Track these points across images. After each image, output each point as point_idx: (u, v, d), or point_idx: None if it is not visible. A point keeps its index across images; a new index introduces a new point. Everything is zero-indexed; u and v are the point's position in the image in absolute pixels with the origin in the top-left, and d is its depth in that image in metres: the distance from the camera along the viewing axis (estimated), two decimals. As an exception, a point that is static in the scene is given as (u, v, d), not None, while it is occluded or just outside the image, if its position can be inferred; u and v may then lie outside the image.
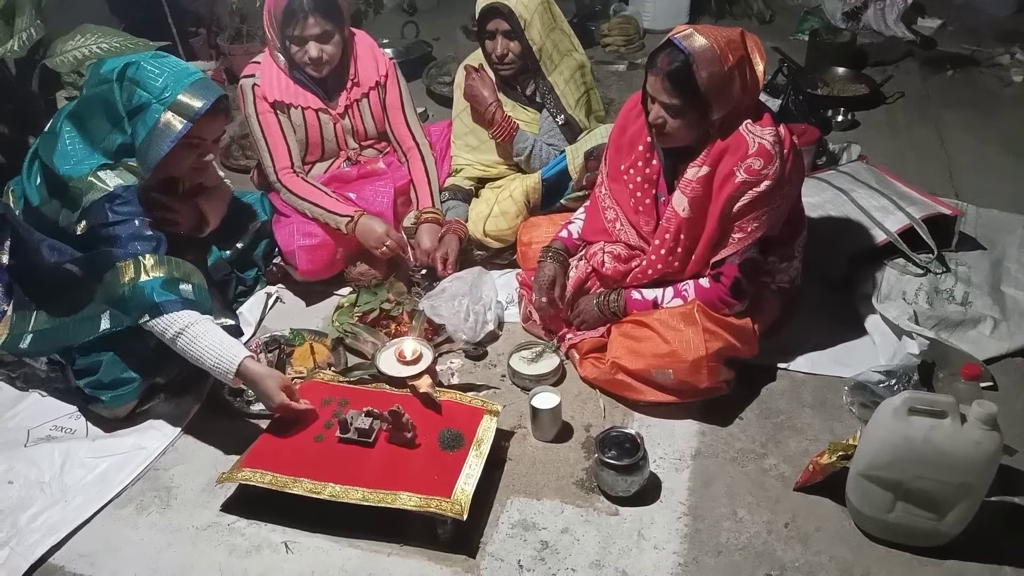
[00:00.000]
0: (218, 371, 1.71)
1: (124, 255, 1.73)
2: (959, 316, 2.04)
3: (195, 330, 1.71)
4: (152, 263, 1.74)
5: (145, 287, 1.71)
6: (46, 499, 1.73)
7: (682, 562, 1.56)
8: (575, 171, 2.25)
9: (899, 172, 2.56)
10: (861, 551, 1.57)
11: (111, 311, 1.78)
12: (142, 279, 1.72)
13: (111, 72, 1.75)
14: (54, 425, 1.95)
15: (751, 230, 1.78)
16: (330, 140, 2.38)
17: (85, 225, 1.75)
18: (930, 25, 4.02)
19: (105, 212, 1.73)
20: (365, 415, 1.71)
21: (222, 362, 1.69)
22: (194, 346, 1.70)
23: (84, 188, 1.73)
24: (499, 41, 2.24)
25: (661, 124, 1.74)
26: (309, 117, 2.32)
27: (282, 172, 2.30)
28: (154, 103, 1.71)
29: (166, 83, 1.72)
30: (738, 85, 1.68)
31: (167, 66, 1.76)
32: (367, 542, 1.62)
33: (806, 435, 1.82)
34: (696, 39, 1.65)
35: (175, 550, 1.64)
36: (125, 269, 1.73)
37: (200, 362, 1.71)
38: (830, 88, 3.40)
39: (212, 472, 1.75)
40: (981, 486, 1.45)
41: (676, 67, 1.66)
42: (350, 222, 2.22)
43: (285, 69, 2.27)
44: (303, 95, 2.29)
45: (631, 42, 3.98)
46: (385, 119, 2.43)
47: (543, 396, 1.82)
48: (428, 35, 4.08)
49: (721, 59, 1.64)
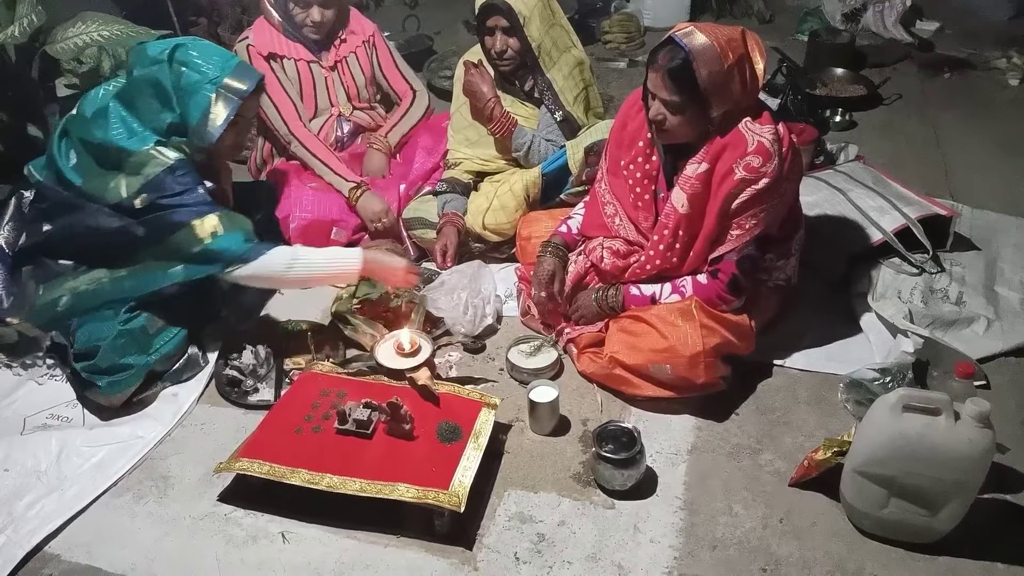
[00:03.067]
0: (346, 273, 1.99)
1: (196, 213, 1.86)
2: (953, 315, 2.06)
3: (303, 255, 1.95)
4: (224, 219, 1.88)
5: (230, 238, 1.87)
6: (42, 487, 1.73)
7: (678, 556, 1.57)
8: (575, 166, 2.25)
9: (896, 173, 2.58)
10: (855, 546, 1.58)
11: (183, 264, 1.89)
12: (220, 232, 1.86)
13: (161, 54, 1.85)
14: (50, 413, 1.95)
15: (749, 227, 1.79)
16: (322, 93, 2.52)
17: (145, 198, 1.84)
18: (928, 28, 4.04)
19: (168, 183, 1.84)
20: (363, 406, 1.71)
21: (347, 263, 1.98)
22: (313, 267, 1.95)
23: (144, 160, 1.84)
24: (498, 37, 2.25)
25: (661, 120, 1.75)
26: (302, 69, 2.46)
27: (292, 124, 2.43)
28: (206, 84, 1.85)
29: (213, 65, 1.87)
30: (738, 83, 1.69)
31: (211, 50, 1.91)
32: (364, 533, 1.63)
33: (801, 431, 1.83)
34: (697, 37, 1.66)
35: (172, 539, 1.64)
36: (201, 225, 1.85)
37: (323, 276, 1.99)
38: (828, 88, 3.42)
39: (209, 462, 1.75)
40: (974, 483, 1.46)
41: (677, 64, 1.66)
42: (355, 188, 2.35)
43: (279, 26, 2.41)
44: (295, 47, 2.44)
45: (632, 39, 3.98)
46: (381, 74, 2.60)
47: (541, 390, 1.83)
48: (429, 29, 4.08)
49: (721, 57, 1.64)
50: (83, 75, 2.57)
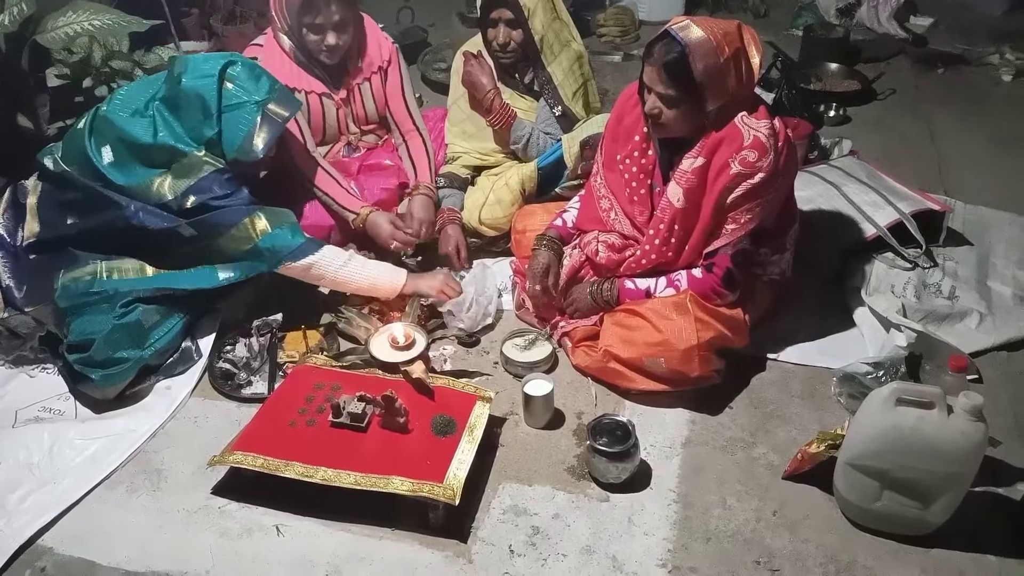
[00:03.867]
0: (388, 288, 2.05)
1: (246, 213, 1.93)
2: (946, 310, 2.07)
3: (357, 258, 2.04)
4: (272, 216, 1.95)
5: (281, 234, 1.94)
6: (35, 480, 1.72)
7: (671, 548, 1.57)
8: (571, 160, 2.25)
9: (889, 168, 2.58)
10: (848, 539, 1.59)
11: (234, 264, 1.97)
12: (273, 229, 1.93)
13: (213, 68, 1.93)
14: (42, 406, 1.94)
15: (744, 221, 1.80)
16: (332, 125, 2.38)
17: (195, 200, 1.92)
18: (922, 23, 4.05)
19: (216, 186, 1.93)
20: (358, 400, 1.71)
21: (391, 278, 2.04)
22: (363, 270, 2.03)
23: (196, 163, 1.92)
24: (501, 29, 2.24)
25: (657, 114, 1.75)
26: (312, 101, 2.31)
27: (299, 157, 2.27)
28: (251, 105, 1.94)
29: (261, 88, 1.96)
30: (733, 77, 1.69)
31: (258, 72, 2.00)
32: (359, 526, 1.63)
33: (795, 425, 1.84)
34: (693, 31, 1.65)
35: (166, 532, 1.64)
36: (252, 223, 1.93)
37: (366, 285, 2.03)
38: (823, 83, 3.42)
39: (203, 455, 1.74)
40: (966, 476, 1.47)
41: (672, 58, 1.66)
42: (356, 219, 2.23)
43: (290, 53, 2.25)
44: (308, 79, 2.28)
45: (627, 33, 3.98)
46: (386, 103, 2.43)
47: (535, 383, 1.83)
48: (423, 21, 4.06)
49: (717, 51, 1.64)
50: (74, 65, 2.55)
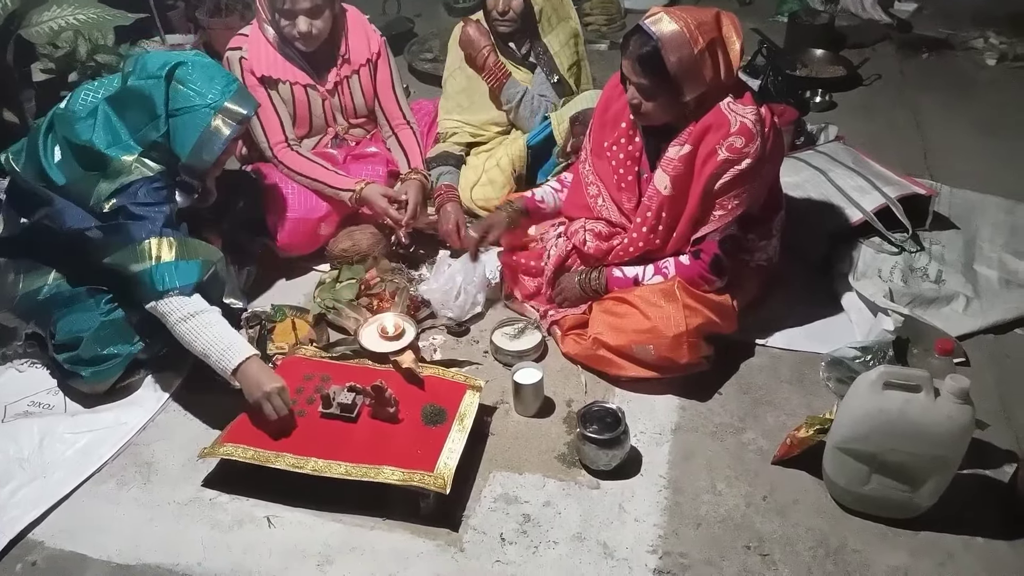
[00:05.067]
0: (219, 365, 1.69)
1: (148, 233, 1.77)
2: (933, 293, 2.08)
3: (201, 319, 1.72)
4: (174, 244, 1.77)
5: (160, 270, 1.73)
6: (25, 475, 1.72)
7: (662, 534, 1.58)
8: (560, 136, 2.27)
9: (875, 153, 2.59)
10: (837, 522, 1.60)
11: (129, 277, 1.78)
12: (163, 260, 1.75)
13: (160, 69, 1.80)
14: (32, 401, 1.92)
15: (731, 207, 1.80)
16: (318, 116, 2.36)
17: (115, 203, 1.79)
18: (906, 8, 4.05)
19: (141, 192, 1.79)
20: (348, 390, 1.71)
21: (223, 355, 1.68)
22: (200, 335, 1.70)
23: (127, 168, 1.79)
24: None
25: (636, 105, 1.76)
26: (298, 93, 2.29)
27: (277, 147, 2.28)
28: (203, 108, 1.79)
29: (213, 89, 1.81)
30: (710, 67, 1.69)
31: (212, 71, 1.85)
32: (350, 516, 1.63)
33: (784, 410, 1.85)
34: (664, 24, 1.66)
35: (157, 525, 1.63)
36: (146, 249, 1.75)
37: (202, 351, 1.70)
38: (809, 69, 3.43)
39: (194, 447, 1.74)
40: (954, 459, 1.49)
41: (645, 51, 1.67)
42: (353, 196, 2.22)
43: (275, 43, 2.23)
44: (292, 70, 2.26)
45: (613, 21, 3.97)
46: (375, 97, 2.41)
47: (525, 372, 1.83)
48: (410, 11, 4.04)
49: (691, 42, 1.65)
50: (59, 59, 2.53)
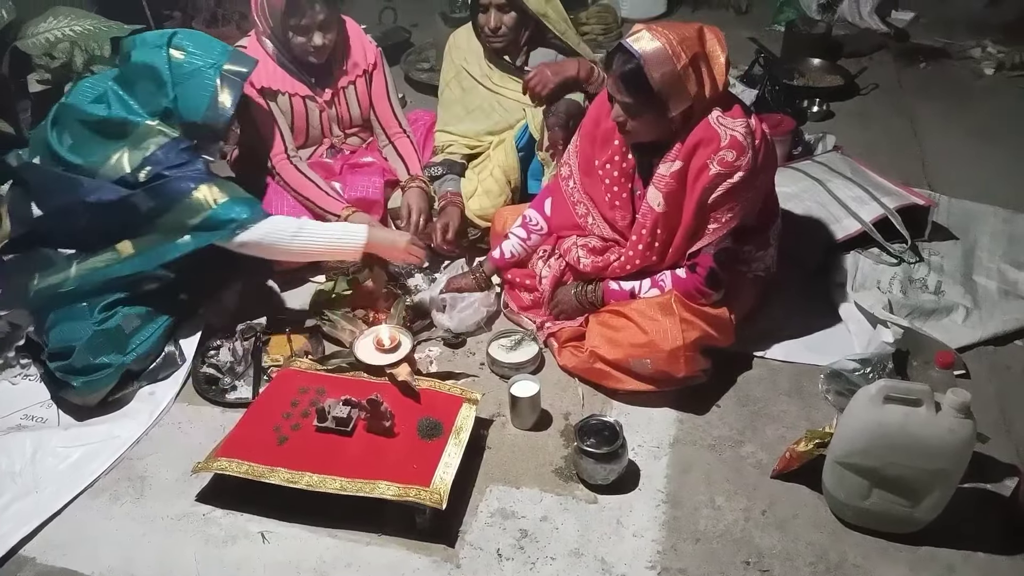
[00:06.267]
0: (349, 249, 1.99)
1: (200, 181, 1.89)
2: (932, 305, 2.07)
3: (309, 225, 1.99)
4: (226, 187, 1.92)
5: (232, 203, 1.89)
6: (17, 489, 1.70)
7: (661, 549, 1.57)
8: (536, 130, 2.29)
9: (873, 162, 2.59)
10: (837, 537, 1.58)
11: (190, 233, 1.89)
12: (219, 201, 1.88)
13: (159, 38, 1.93)
14: (24, 414, 1.91)
15: (725, 220, 1.79)
16: (315, 127, 2.36)
17: (149, 171, 1.87)
18: (903, 18, 4.06)
19: (170, 156, 1.89)
20: (343, 403, 1.69)
21: (351, 239, 1.98)
22: (318, 238, 1.96)
23: (148, 133, 1.89)
24: (492, 14, 2.26)
25: (622, 123, 1.76)
26: (296, 104, 2.29)
27: (276, 158, 2.28)
28: (207, 68, 1.93)
29: (212, 52, 1.95)
30: (694, 81, 1.68)
31: (206, 38, 1.99)
32: (345, 532, 1.61)
33: (783, 422, 1.84)
34: (646, 41, 1.65)
35: (150, 540, 1.62)
36: (205, 192, 1.88)
37: (326, 250, 2.00)
38: (806, 79, 3.43)
39: (187, 461, 1.72)
40: (955, 473, 1.47)
41: (628, 69, 1.67)
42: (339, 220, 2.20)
43: (273, 55, 2.24)
44: (291, 82, 2.26)
45: (609, 31, 3.96)
46: (371, 107, 2.42)
47: (522, 384, 1.82)
48: (406, 21, 4.05)
49: (673, 58, 1.64)
50: (55, 70, 2.54)
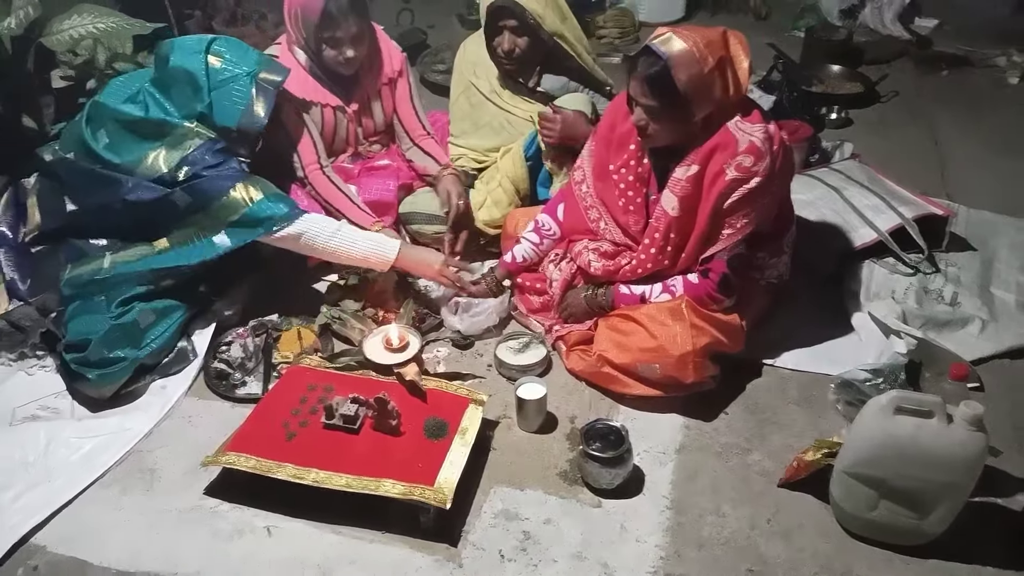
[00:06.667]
0: (380, 260, 2.03)
1: (237, 179, 1.96)
2: (947, 316, 2.05)
3: (347, 229, 2.04)
4: (262, 185, 1.98)
5: (268, 200, 1.96)
6: (29, 479, 1.72)
7: (664, 555, 1.56)
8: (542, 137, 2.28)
9: (891, 171, 2.56)
10: (843, 548, 1.57)
11: (227, 231, 1.96)
12: (255, 199, 1.95)
13: (198, 44, 2.00)
14: (40, 404, 1.93)
15: (740, 226, 1.78)
16: (341, 137, 2.38)
17: (188, 171, 1.94)
18: (927, 24, 4.03)
19: (207, 157, 1.95)
20: (351, 401, 1.70)
21: (383, 250, 2.02)
22: (353, 243, 2.01)
23: (187, 133, 1.96)
24: (506, 36, 2.26)
25: (643, 126, 1.75)
26: (327, 115, 2.31)
27: (310, 168, 2.27)
28: (243, 76, 1.99)
29: (248, 59, 2.02)
30: (719, 86, 1.67)
31: (242, 47, 2.06)
32: (349, 528, 1.62)
33: (791, 431, 1.82)
34: (674, 44, 1.64)
35: (158, 532, 1.63)
36: (241, 190, 1.95)
37: (358, 256, 2.03)
38: (824, 85, 3.41)
39: (196, 455, 1.74)
40: (965, 486, 1.45)
41: (654, 72, 1.65)
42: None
43: (305, 66, 2.25)
44: (323, 93, 2.27)
45: (626, 34, 3.96)
46: (394, 112, 2.44)
47: (529, 387, 1.82)
48: (423, 22, 4.06)
49: (700, 61, 1.63)
50: (78, 67, 2.58)
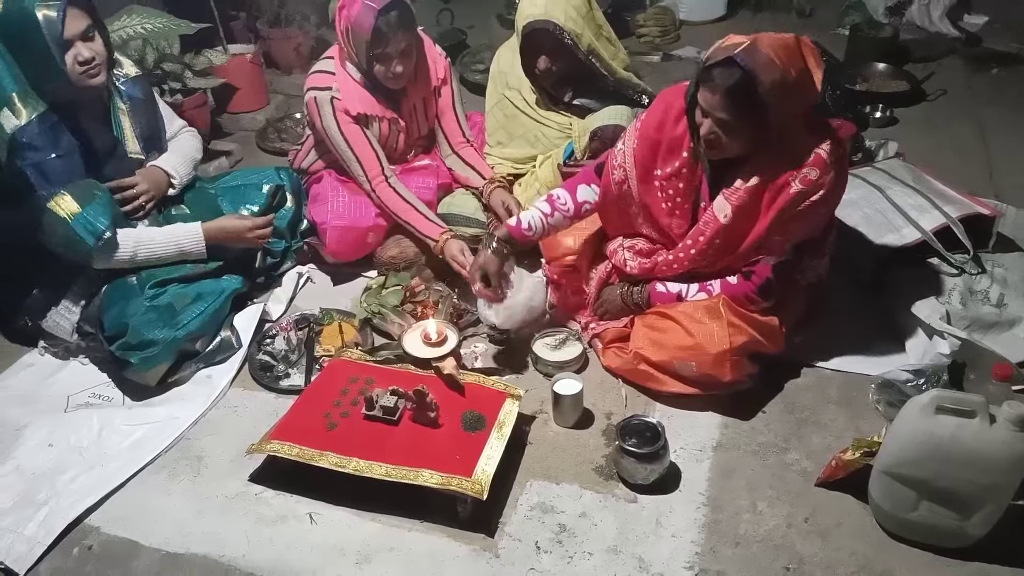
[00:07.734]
0: (191, 250, 2.01)
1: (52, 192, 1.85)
2: (993, 317, 2.01)
3: (145, 241, 1.97)
4: (78, 196, 1.87)
5: (85, 219, 1.86)
6: (84, 463, 1.79)
7: (699, 551, 1.56)
8: (580, 150, 2.33)
9: (938, 171, 2.51)
10: (882, 548, 1.56)
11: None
12: (78, 211, 1.85)
13: None
14: (93, 392, 2.01)
15: (795, 236, 1.76)
16: (391, 147, 2.42)
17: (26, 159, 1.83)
18: (976, 22, 3.94)
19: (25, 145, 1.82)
20: (390, 393, 1.74)
21: (188, 240, 2.00)
22: (155, 249, 1.97)
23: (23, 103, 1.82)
24: (542, 58, 2.28)
25: (714, 139, 1.66)
26: (383, 127, 2.36)
27: (376, 182, 2.30)
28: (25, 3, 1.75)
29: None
30: (798, 98, 1.61)
31: None
32: (388, 517, 1.65)
33: (830, 431, 1.81)
34: (758, 54, 1.54)
35: (204, 517, 1.69)
36: (59, 206, 1.85)
37: (169, 256, 2.00)
38: (869, 84, 3.35)
39: (241, 443, 1.79)
40: (1008, 488, 1.43)
41: (734, 83, 1.56)
42: (436, 246, 2.23)
43: (361, 81, 2.29)
44: (379, 106, 2.32)
45: (667, 33, 3.95)
46: (436, 119, 2.48)
47: (565, 382, 1.83)
48: (463, 23, 4.10)
49: (783, 72, 1.54)
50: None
